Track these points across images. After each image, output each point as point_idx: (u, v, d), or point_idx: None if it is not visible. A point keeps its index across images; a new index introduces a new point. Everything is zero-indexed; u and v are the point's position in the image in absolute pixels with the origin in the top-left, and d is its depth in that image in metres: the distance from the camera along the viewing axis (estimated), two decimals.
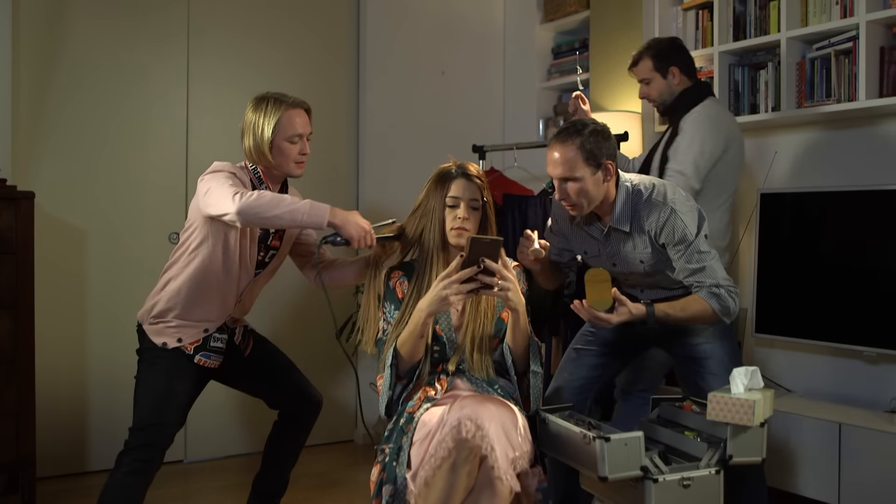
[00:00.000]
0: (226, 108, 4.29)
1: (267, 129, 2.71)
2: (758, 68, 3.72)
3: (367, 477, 4.08)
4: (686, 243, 2.52)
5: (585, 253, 2.77)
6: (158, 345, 2.74)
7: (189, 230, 2.77)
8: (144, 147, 4.13)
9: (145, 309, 2.80)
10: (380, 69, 4.69)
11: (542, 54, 4.95)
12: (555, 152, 2.50)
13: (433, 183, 2.57)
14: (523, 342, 2.41)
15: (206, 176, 2.69)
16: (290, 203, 2.53)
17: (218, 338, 2.80)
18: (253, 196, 2.52)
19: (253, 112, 2.76)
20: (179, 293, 2.73)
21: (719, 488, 2.19)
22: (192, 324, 2.75)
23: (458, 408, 2.12)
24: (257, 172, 2.79)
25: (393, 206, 4.61)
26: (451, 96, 4.91)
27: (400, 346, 2.38)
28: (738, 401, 2.19)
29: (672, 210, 2.52)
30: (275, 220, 2.54)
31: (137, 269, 4.05)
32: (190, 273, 2.72)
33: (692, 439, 2.33)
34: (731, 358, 2.67)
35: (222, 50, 4.31)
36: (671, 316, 2.50)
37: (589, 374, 2.76)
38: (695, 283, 2.55)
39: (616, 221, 2.58)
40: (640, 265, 2.63)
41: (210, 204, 2.60)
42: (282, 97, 2.77)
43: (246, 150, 2.78)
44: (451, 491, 2.04)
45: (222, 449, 4.32)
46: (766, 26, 3.66)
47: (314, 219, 2.54)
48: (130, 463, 2.62)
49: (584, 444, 2.14)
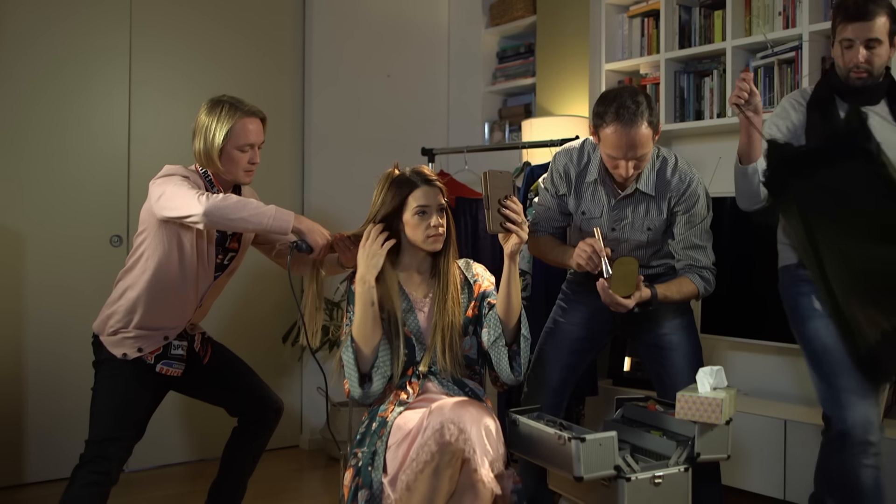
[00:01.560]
0: (169, 108, 4.19)
1: (218, 135, 2.66)
2: (703, 76, 3.83)
3: (316, 483, 4.11)
4: (700, 217, 2.65)
5: (583, 213, 2.75)
6: (118, 356, 2.66)
7: (142, 235, 2.71)
8: (84, 148, 4.00)
9: (100, 320, 2.73)
10: (325, 72, 4.64)
11: (488, 58, 4.99)
12: (623, 136, 2.47)
13: (390, 189, 2.50)
14: (517, 304, 2.40)
15: (158, 180, 2.62)
16: (256, 207, 2.52)
17: (178, 345, 2.75)
18: (219, 197, 2.49)
19: (206, 115, 2.69)
20: (138, 301, 2.66)
21: (688, 485, 2.23)
22: (152, 332, 2.68)
23: (439, 411, 2.12)
24: (208, 176, 2.73)
25: (339, 212, 4.57)
26: (397, 100, 4.89)
27: (355, 331, 2.38)
28: (705, 400, 2.24)
29: (699, 181, 2.65)
30: (240, 222, 2.51)
31: (77, 273, 3.93)
32: (147, 280, 2.66)
33: (658, 438, 2.37)
34: (695, 353, 2.75)
35: (165, 49, 4.20)
36: (668, 297, 2.61)
37: (562, 374, 2.78)
38: (689, 260, 2.66)
39: (644, 185, 2.63)
40: (645, 233, 2.68)
41: (170, 207, 2.54)
42: (237, 104, 2.71)
43: (196, 152, 2.72)
44: (433, 495, 2.04)
45: (164, 457, 4.21)
46: (711, 35, 3.77)
47: (279, 223, 2.53)
48: (87, 476, 2.55)
49: (558, 445, 2.16)
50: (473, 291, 2.53)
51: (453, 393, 2.40)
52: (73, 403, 3.86)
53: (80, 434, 2.67)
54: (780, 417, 3.29)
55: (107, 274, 3.96)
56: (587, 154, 2.72)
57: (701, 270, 2.67)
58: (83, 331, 3.78)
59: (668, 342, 2.74)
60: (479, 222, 4.06)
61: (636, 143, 2.47)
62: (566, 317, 2.84)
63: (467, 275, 2.56)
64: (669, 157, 2.67)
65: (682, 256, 2.68)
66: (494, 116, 4.98)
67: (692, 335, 2.77)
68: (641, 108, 2.45)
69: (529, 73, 4.72)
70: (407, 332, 2.45)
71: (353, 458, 2.31)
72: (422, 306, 2.49)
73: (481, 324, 2.49)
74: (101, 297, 3.78)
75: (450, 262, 2.52)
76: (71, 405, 3.85)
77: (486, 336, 2.44)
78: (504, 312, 2.40)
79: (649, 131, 2.48)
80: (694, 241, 2.66)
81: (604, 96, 2.54)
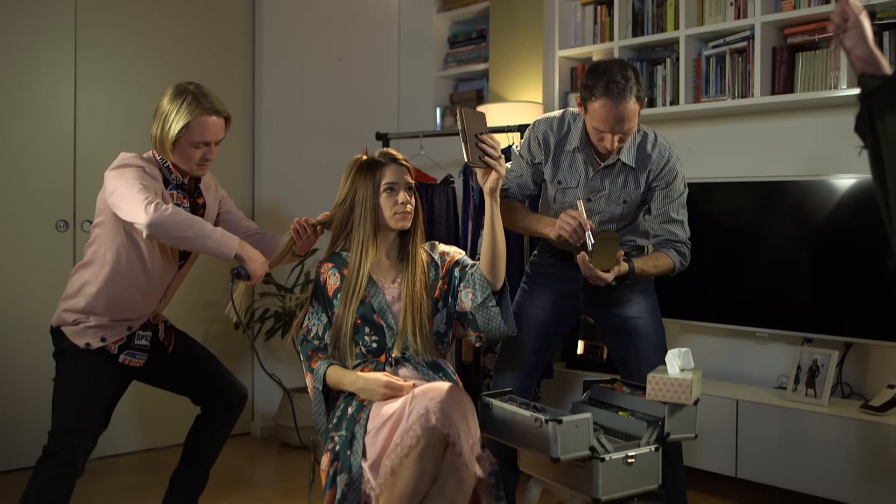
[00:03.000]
0: (118, 88, 4.08)
1: (174, 126, 2.57)
2: (655, 63, 3.89)
3: (270, 470, 4.07)
4: (677, 192, 2.70)
5: (559, 183, 2.75)
6: (80, 346, 2.60)
7: (98, 227, 2.63)
8: (28, 130, 3.86)
9: (59, 314, 2.66)
10: (275, 55, 4.57)
11: (439, 43, 4.98)
12: (612, 110, 2.48)
13: (358, 173, 2.54)
14: (503, 244, 2.42)
15: (112, 171, 2.54)
16: (202, 229, 2.47)
17: (142, 335, 2.71)
18: (168, 211, 2.41)
19: (169, 102, 2.61)
20: (98, 297, 2.60)
21: (658, 464, 2.29)
22: (115, 323, 2.63)
23: (422, 396, 2.13)
24: (165, 162, 2.66)
25: (291, 197, 4.53)
26: (348, 84, 4.85)
27: (329, 380, 2.45)
28: (675, 381, 2.30)
29: (677, 157, 2.70)
30: (183, 241, 2.48)
31: (22, 259, 3.81)
32: (107, 275, 2.60)
33: (627, 418, 2.43)
34: (660, 337, 2.80)
35: (112, 26, 4.07)
36: (645, 272, 2.67)
37: (530, 359, 2.80)
38: (666, 234, 2.72)
39: (625, 156, 2.65)
40: (621, 205, 2.72)
41: (119, 207, 2.47)
42: (201, 99, 2.61)
43: (152, 136, 2.65)
44: (418, 479, 2.04)
45: (114, 447, 4.12)
46: (664, 23, 3.84)
47: (223, 249, 2.49)
48: (52, 468, 2.48)
49: (534, 427, 2.18)
50: (440, 270, 2.54)
51: (428, 377, 2.41)
52: (18, 392, 3.75)
53: (32, 424, 2.60)
54: (732, 397, 3.39)
55: (54, 259, 3.87)
56: (567, 123, 2.73)
57: (677, 245, 2.73)
58: (28, 317, 3.68)
59: (633, 326, 2.78)
60: (436, 207, 4.07)
61: (624, 118, 2.50)
62: (531, 301, 2.86)
63: (434, 255, 2.57)
64: (649, 132, 2.71)
65: (660, 231, 2.74)
66: (446, 101, 4.98)
67: (657, 319, 2.82)
68: (630, 83, 2.48)
69: (481, 59, 4.73)
70: (377, 319, 2.45)
71: (329, 441, 2.30)
72: (391, 291, 2.49)
73: (454, 294, 2.50)
74: (48, 282, 3.73)
75: (417, 244, 2.54)
76: (17, 393, 3.75)
77: (471, 298, 2.45)
78: (490, 258, 2.41)
79: (637, 106, 2.52)
80: (672, 216, 2.71)
81: (592, 69, 2.55)
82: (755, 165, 3.67)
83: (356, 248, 2.49)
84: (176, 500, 2.93)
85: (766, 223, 3.50)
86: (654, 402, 2.36)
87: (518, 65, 4.44)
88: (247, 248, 2.53)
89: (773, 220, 3.48)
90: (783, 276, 3.44)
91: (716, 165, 3.78)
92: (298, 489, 3.65)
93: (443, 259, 2.56)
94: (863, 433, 3.05)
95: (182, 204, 2.68)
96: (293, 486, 3.71)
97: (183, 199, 2.69)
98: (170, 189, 2.66)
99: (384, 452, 2.15)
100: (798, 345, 3.44)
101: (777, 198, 3.46)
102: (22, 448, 3.66)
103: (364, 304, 2.45)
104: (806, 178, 3.38)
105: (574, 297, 2.79)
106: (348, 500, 2.15)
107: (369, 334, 2.45)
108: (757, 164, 3.67)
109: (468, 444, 2.10)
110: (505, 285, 2.47)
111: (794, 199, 3.41)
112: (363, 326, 2.45)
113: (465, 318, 2.48)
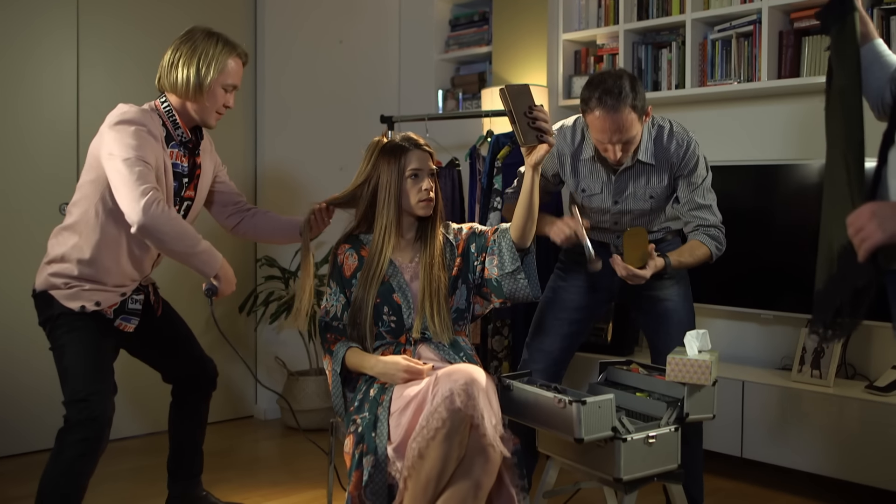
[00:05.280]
0: (120, 71, 4.04)
1: (215, 66, 2.56)
2: (660, 47, 3.90)
3: (272, 453, 4.09)
4: (701, 177, 2.71)
5: (583, 191, 2.78)
6: (75, 309, 2.51)
7: (91, 184, 2.52)
8: (30, 114, 3.83)
9: (45, 279, 2.55)
10: (278, 38, 4.54)
11: (440, 26, 4.96)
12: (608, 121, 2.51)
13: (382, 157, 2.51)
14: (536, 215, 2.42)
15: (112, 129, 2.45)
16: (192, 245, 2.44)
17: (136, 299, 2.64)
18: (163, 215, 2.37)
19: (203, 43, 2.57)
20: (91, 265, 2.52)
21: (677, 444, 2.32)
22: (110, 289, 2.56)
23: (446, 378, 2.14)
24: (172, 115, 2.60)
25: (293, 179, 4.52)
26: (349, 67, 4.83)
27: (349, 363, 2.45)
28: (695, 362, 2.32)
29: (696, 143, 2.70)
30: (170, 252, 2.46)
31: (25, 244, 3.78)
32: (98, 241, 2.51)
33: (645, 399, 2.45)
34: (691, 319, 2.84)
35: (113, 9, 4.03)
36: (683, 263, 2.68)
37: (562, 343, 2.82)
38: (696, 220, 2.72)
39: (644, 155, 2.67)
40: (648, 201, 2.73)
41: (115, 187, 2.41)
42: (232, 41, 2.64)
43: (178, 81, 2.56)
44: (445, 461, 2.06)
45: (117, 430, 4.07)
46: (669, 7, 3.84)
47: (206, 268, 2.49)
48: (76, 445, 2.43)
49: (557, 408, 2.21)
50: (457, 249, 2.55)
51: (449, 357, 2.43)
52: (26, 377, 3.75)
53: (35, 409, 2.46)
54: (738, 379, 3.43)
55: None
56: (581, 131, 2.75)
57: (709, 229, 2.72)
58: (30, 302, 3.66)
59: (664, 309, 2.81)
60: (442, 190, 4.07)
61: (621, 127, 2.52)
62: (565, 286, 2.88)
63: (448, 236, 2.58)
64: (664, 124, 2.72)
65: (690, 218, 2.74)
66: (447, 84, 4.97)
67: (688, 303, 2.85)
68: (625, 93, 2.49)
69: (483, 42, 4.72)
70: (396, 300, 2.46)
71: (351, 424, 2.31)
72: (407, 271, 2.51)
73: (472, 269, 2.52)
74: None
75: (437, 227, 2.55)
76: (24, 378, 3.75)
77: (497, 265, 2.46)
78: (523, 223, 2.40)
79: (634, 115, 2.52)
80: (698, 202, 2.71)
81: (589, 81, 2.58)
82: (761, 149, 3.70)
83: (379, 232, 2.49)
84: (178, 486, 2.92)
85: (773, 206, 3.53)
86: (671, 384, 2.39)
87: (521, 48, 4.43)
88: (225, 269, 2.53)
89: (779, 203, 3.51)
90: (787, 258, 3.47)
91: (721, 149, 3.80)
92: (307, 471, 3.67)
93: (457, 238, 2.57)
94: (867, 413, 3.09)
95: (181, 163, 2.63)
96: (299, 468, 3.73)
97: (183, 158, 2.65)
98: (171, 146, 2.60)
99: (409, 435, 2.17)
100: (803, 326, 3.47)
101: (783, 181, 3.49)
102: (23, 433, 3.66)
103: (384, 284, 2.46)
104: (811, 161, 3.41)
105: (607, 283, 2.80)
106: (374, 482, 2.17)
107: (388, 314, 2.46)
108: (762, 147, 3.70)
109: (492, 425, 2.11)
110: (531, 246, 2.47)
111: (800, 182, 3.44)
112: (381, 306, 2.46)
113: (490, 283, 2.48)
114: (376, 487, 2.17)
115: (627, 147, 2.59)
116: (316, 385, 4.28)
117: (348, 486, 2.22)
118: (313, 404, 4.24)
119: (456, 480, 2.10)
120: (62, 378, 2.51)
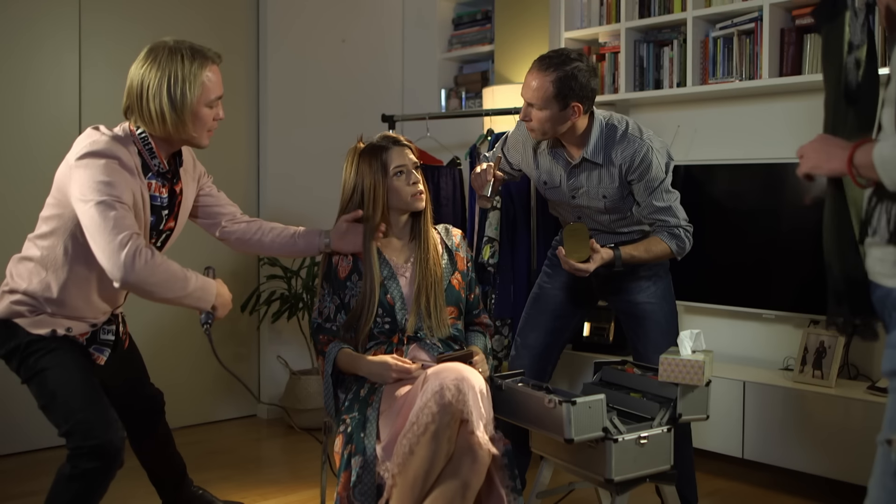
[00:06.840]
0: (122, 71, 3.96)
1: (193, 89, 2.23)
2: (662, 45, 3.88)
3: (275, 452, 4.09)
4: (657, 180, 2.62)
5: (545, 184, 2.78)
6: (45, 335, 2.29)
7: (56, 219, 2.31)
8: (33, 114, 3.84)
9: (6, 306, 2.32)
10: (280, 37, 4.54)
11: (443, 25, 4.95)
12: (531, 77, 2.54)
13: (363, 160, 2.51)
14: None
15: (79, 165, 2.21)
16: (181, 288, 2.24)
17: (108, 330, 2.45)
18: (145, 272, 2.15)
19: (167, 64, 2.23)
20: (61, 302, 2.30)
21: (670, 445, 2.30)
22: (80, 320, 2.36)
23: (436, 375, 2.14)
24: (148, 143, 2.31)
25: (296, 181, 4.53)
26: (353, 66, 4.82)
27: (340, 364, 2.45)
28: (688, 362, 2.31)
29: (648, 147, 2.61)
30: (159, 300, 2.27)
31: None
32: (67, 279, 2.30)
33: (638, 399, 2.44)
34: (668, 322, 2.80)
35: (116, 8, 4.04)
36: (636, 257, 2.63)
37: (546, 339, 2.83)
38: (657, 222, 2.67)
39: (590, 154, 2.63)
40: (601, 200, 2.70)
41: (90, 236, 2.18)
42: (199, 48, 2.29)
43: (152, 114, 2.25)
44: (434, 458, 2.06)
45: None
46: (671, 5, 3.82)
47: (200, 304, 2.31)
48: (82, 479, 2.19)
49: (547, 408, 2.19)
50: (456, 262, 2.56)
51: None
52: None
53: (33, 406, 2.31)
54: (739, 379, 3.40)
55: None
56: None
57: (671, 229, 2.65)
58: None
59: (642, 311, 2.79)
60: (442, 189, 4.06)
61: (529, 85, 2.54)
62: (551, 282, 2.88)
63: (448, 242, 2.58)
64: (619, 125, 2.65)
65: (651, 220, 2.71)
66: (450, 83, 4.96)
67: (666, 304, 2.82)
68: (557, 65, 2.49)
69: (486, 40, 4.71)
70: (390, 301, 2.45)
71: (341, 424, 2.31)
72: (403, 272, 2.51)
73: (465, 299, 2.59)
74: None
75: (428, 222, 2.55)
76: None
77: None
78: None
79: (551, 88, 2.49)
80: (656, 205, 2.65)
81: None
82: (762, 147, 3.67)
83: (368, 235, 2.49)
84: (168, 495, 2.80)
85: (774, 205, 3.50)
86: (665, 384, 2.37)
87: (524, 46, 4.42)
88: (221, 294, 2.36)
89: (780, 202, 3.48)
90: (789, 257, 3.44)
91: (722, 147, 3.78)
92: (306, 470, 3.67)
93: (457, 250, 2.61)
94: (870, 414, 3.06)
95: (160, 195, 2.39)
96: (301, 467, 3.72)
97: (162, 189, 2.40)
98: (149, 178, 2.35)
99: (398, 434, 2.16)
100: (805, 326, 3.44)
101: (784, 180, 3.45)
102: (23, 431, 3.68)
103: (380, 287, 2.46)
104: None
105: (587, 281, 2.80)
106: (363, 483, 2.16)
107: (381, 316, 2.46)
108: (764, 145, 3.66)
109: (480, 423, 2.11)
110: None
111: (802, 181, 3.40)
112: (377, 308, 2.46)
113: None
114: (364, 488, 2.16)
115: (528, 112, 2.57)
116: (318, 384, 4.28)
117: (337, 487, 2.21)
118: (315, 403, 4.24)
119: (444, 480, 2.10)
120: (50, 408, 2.26)
